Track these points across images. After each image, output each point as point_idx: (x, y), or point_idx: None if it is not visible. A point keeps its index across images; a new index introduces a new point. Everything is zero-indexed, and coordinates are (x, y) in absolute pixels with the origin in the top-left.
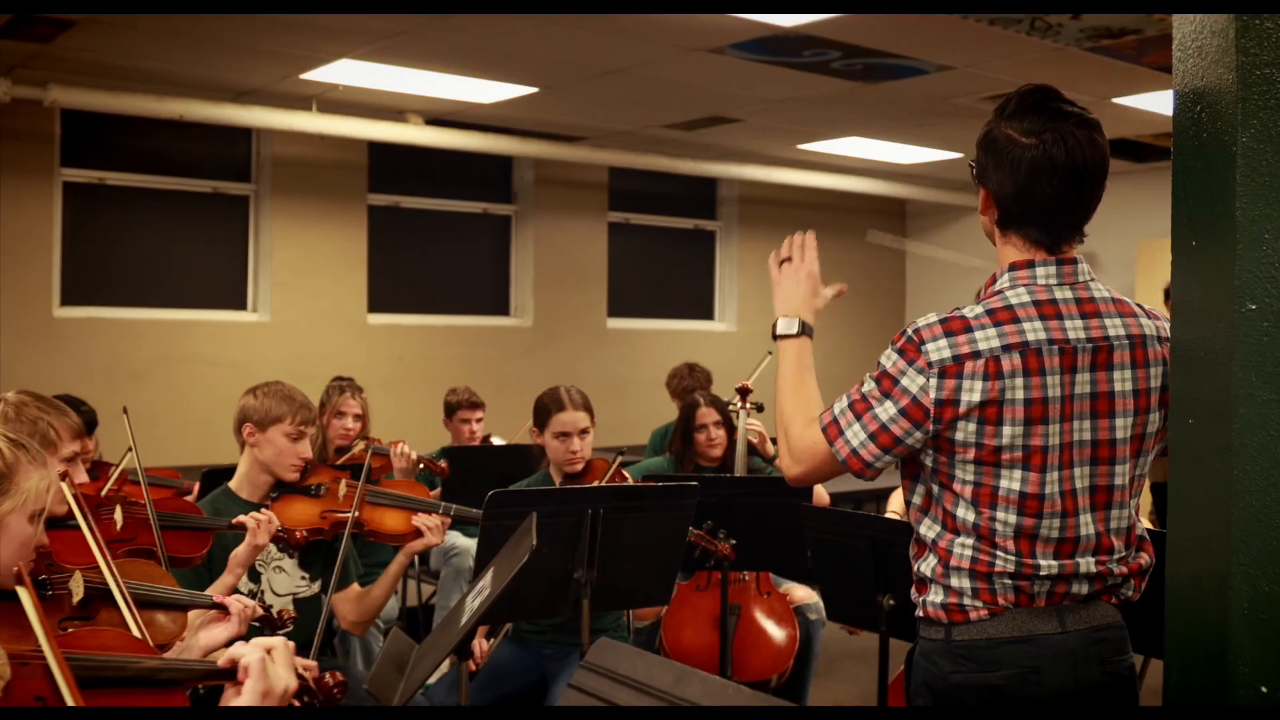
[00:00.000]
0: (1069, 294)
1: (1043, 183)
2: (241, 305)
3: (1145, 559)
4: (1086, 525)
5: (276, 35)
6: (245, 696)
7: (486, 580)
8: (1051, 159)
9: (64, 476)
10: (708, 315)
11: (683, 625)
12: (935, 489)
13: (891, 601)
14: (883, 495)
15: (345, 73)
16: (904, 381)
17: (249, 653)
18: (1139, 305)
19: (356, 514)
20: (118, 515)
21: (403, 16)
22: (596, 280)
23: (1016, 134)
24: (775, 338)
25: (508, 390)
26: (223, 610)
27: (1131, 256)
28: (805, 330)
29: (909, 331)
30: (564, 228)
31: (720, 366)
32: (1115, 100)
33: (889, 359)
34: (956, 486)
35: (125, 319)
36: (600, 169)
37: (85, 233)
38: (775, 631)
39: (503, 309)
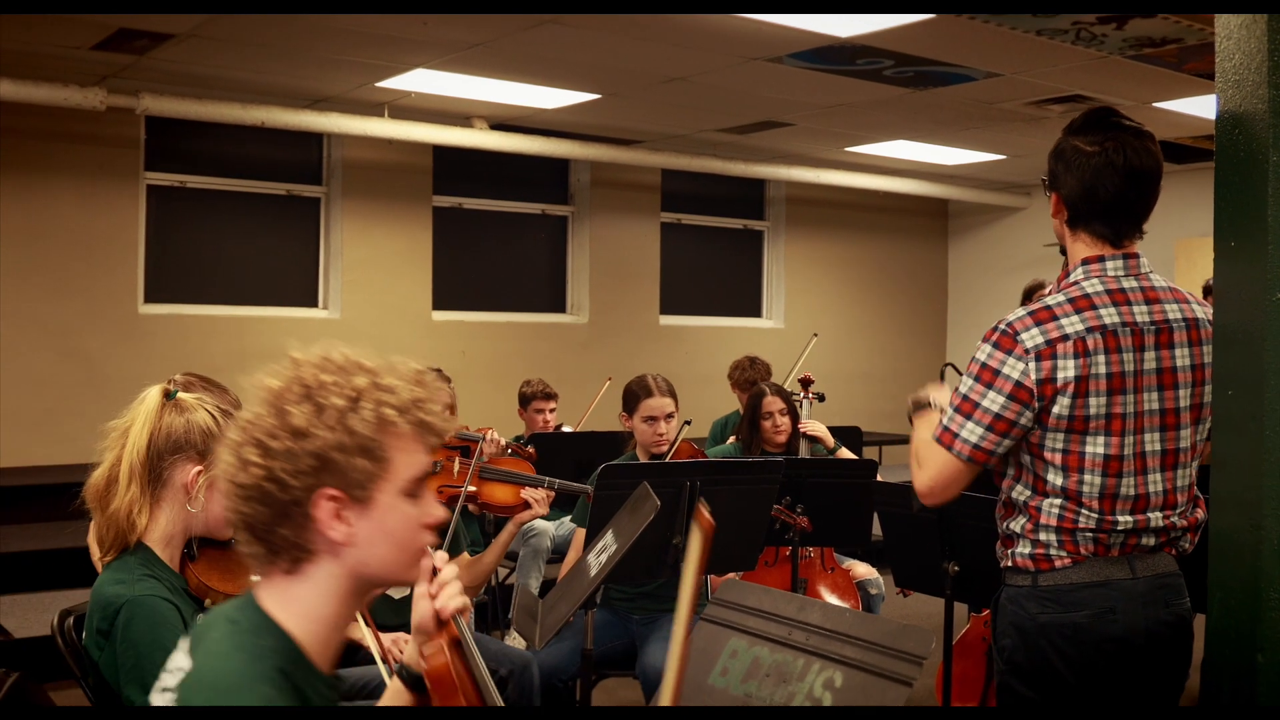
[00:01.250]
0: (1134, 283)
1: (1106, 183)
2: (313, 302)
3: (1200, 514)
4: (1156, 483)
5: (359, 47)
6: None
7: (609, 539)
8: (1112, 162)
9: None
10: (756, 312)
11: None
12: (1026, 458)
13: (956, 567)
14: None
15: (419, 81)
16: (1005, 370)
17: None
18: (1189, 294)
19: (471, 487)
20: None
21: (483, 29)
22: (649, 278)
23: (1082, 144)
24: (923, 407)
25: (564, 384)
26: None
27: (1170, 254)
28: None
29: (1002, 326)
30: (618, 228)
31: (769, 361)
32: (1156, 105)
33: (984, 353)
34: (1047, 455)
35: (204, 315)
36: (654, 171)
37: (167, 233)
38: (839, 604)
39: (560, 306)
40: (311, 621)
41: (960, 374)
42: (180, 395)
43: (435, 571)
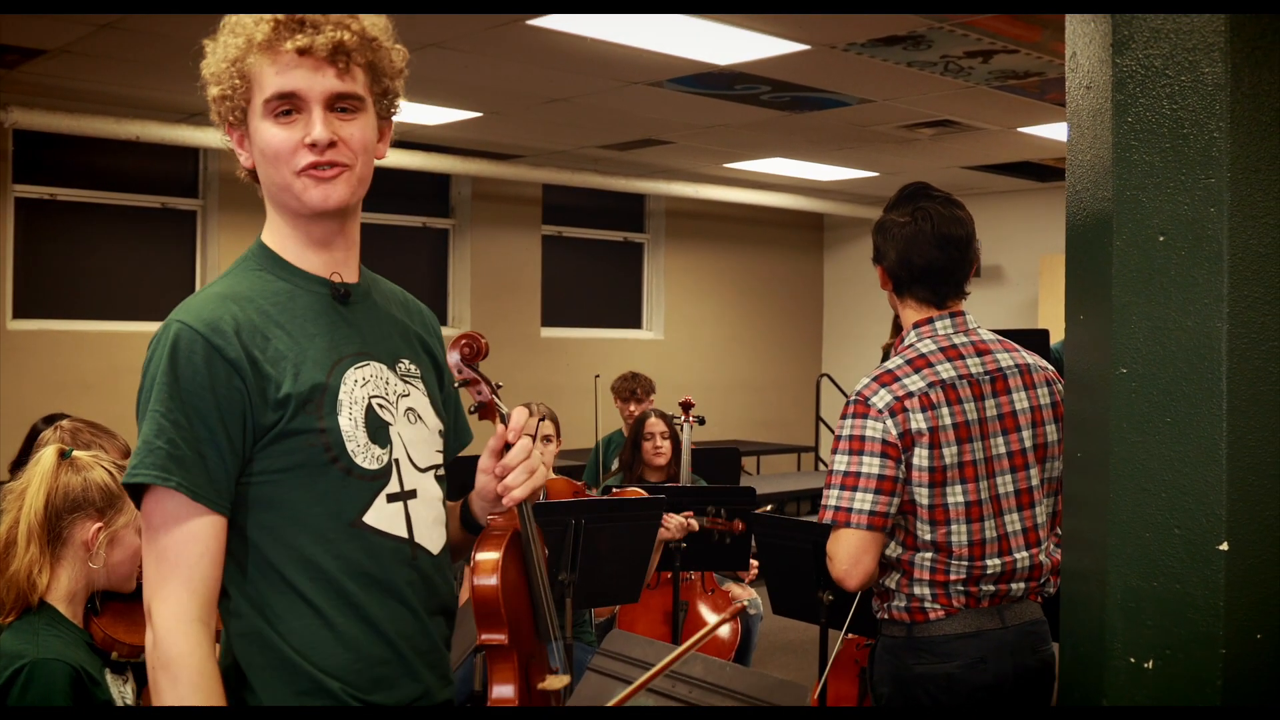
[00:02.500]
0: (964, 339)
1: (918, 250)
2: None
3: (1060, 555)
4: (1014, 522)
5: None
6: None
7: None
8: (922, 230)
9: None
10: (636, 324)
11: (636, 620)
12: (898, 515)
13: (830, 597)
14: (803, 496)
15: None
16: (868, 433)
17: None
18: (1015, 344)
19: None
20: None
21: None
22: (530, 291)
23: (896, 217)
24: None
25: None
26: None
27: (1035, 269)
28: None
29: (853, 398)
30: (500, 241)
31: (648, 373)
32: (1020, 129)
33: (847, 427)
34: (916, 509)
35: (76, 331)
36: (535, 185)
37: (37, 247)
38: (726, 631)
39: (441, 319)
40: (275, 233)
41: (837, 387)
42: (76, 454)
43: (507, 448)
